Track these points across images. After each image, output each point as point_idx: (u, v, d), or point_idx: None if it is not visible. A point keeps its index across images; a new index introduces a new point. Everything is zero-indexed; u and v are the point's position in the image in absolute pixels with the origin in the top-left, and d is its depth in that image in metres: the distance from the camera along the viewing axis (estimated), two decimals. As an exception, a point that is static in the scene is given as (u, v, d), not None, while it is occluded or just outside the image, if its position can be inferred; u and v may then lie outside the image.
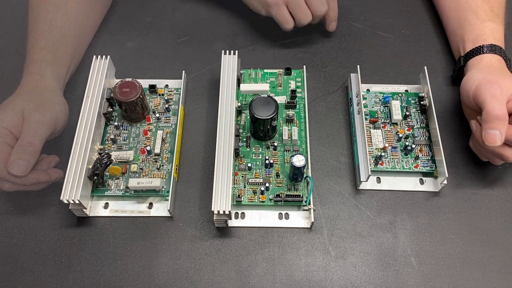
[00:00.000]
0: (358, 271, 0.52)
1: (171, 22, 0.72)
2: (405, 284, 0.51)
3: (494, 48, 0.59)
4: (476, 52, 0.60)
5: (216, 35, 0.70)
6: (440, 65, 0.67)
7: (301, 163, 0.52)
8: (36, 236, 0.54)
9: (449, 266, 0.52)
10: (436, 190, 0.57)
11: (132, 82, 0.57)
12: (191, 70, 0.67)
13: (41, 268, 0.52)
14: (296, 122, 0.61)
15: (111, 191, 0.56)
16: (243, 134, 0.60)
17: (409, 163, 0.57)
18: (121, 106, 0.58)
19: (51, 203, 0.56)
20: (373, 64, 0.67)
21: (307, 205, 0.54)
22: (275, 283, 0.51)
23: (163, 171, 0.57)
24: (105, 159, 0.55)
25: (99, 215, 0.55)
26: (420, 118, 0.61)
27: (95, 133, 0.57)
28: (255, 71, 0.66)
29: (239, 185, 0.56)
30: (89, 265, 0.52)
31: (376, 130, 0.60)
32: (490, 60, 0.58)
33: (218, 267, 0.52)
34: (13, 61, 0.68)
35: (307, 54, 0.68)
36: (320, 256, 0.53)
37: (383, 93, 0.63)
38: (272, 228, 0.55)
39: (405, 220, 0.55)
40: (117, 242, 0.54)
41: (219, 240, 0.54)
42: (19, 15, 0.73)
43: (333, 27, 0.68)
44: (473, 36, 0.61)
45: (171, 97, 0.63)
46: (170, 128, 0.60)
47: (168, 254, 0.53)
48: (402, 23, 0.72)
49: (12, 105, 0.53)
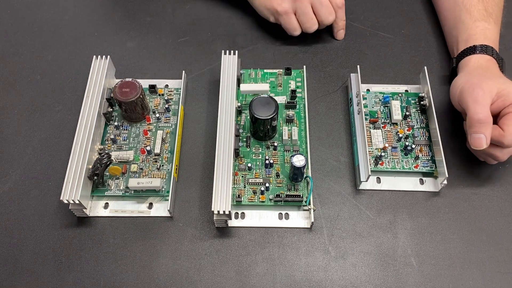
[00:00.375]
0: (358, 271, 0.52)
1: (171, 22, 0.72)
2: (405, 284, 0.51)
3: (485, 49, 0.59)
4: (467, 53, 0.60)
5: (216, 35, 0.70)
6: (440, 65, 0.67)
7: (301, 163, 0.52)
8: (36, 236, 0.54)
9: (449, 266, 0.52)
10: (436, 190, 0.57)
11: (132, 82, 0.57)
12: (191, 70, 0.67)
13: (41, 268, 0.52)
14: (296, 122, 0.61)
15: (111, 191, 0.56)
16: (243, 134, 0.60)
17: (409, 163, 0.57)
18: (121, 106, 0.58)
19: (51, 203, 0.56)
20: (373, 64, 0.67)
21: (307, 205, 0.54)
22: (275, 283, 0.51)
23: (163, 171, 0.57)
24: (105, 159, 0.55)
25: (99, 215, 0.55)
26: (420, 118, 0.61)
27: (95, 133, 0.57)
28: (255, 71, 0.66)
29: (239, 185, 0.56)
30: (89, 265, 0.52)
31: (376, 130, 0.60)
32: (478, 61, 0.58)
33: (218, 267, 0.52)
34: (13, 61, 0.68)
35: (307, 54, 0.68)
36: (320, 256, 0.53)
37: (383, 93, 0.63)
38: (272, 228, 0.55)
39: (405, 220, 0.55)
40: (117, 242, 0.54)
41: (219, 240, 0.54)
42: (19, 15, 0.73)
43: (341, 35, 0.69)
44: (466, 36, 0.61)
45: (171, 97, 0.63)
46: (170, 128, 0.60)
47: (168, 254, 0.53)
48: (402, 23, 0.72)
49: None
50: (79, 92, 0.64)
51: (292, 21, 0.65)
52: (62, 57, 0.69)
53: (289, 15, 0.64)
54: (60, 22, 0.72)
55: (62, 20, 0.73)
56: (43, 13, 0.74)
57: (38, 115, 0.63)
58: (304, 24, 0.65)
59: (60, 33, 0.71)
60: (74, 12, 0.74)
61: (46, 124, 0.62)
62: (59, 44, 0.70)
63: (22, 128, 0.62)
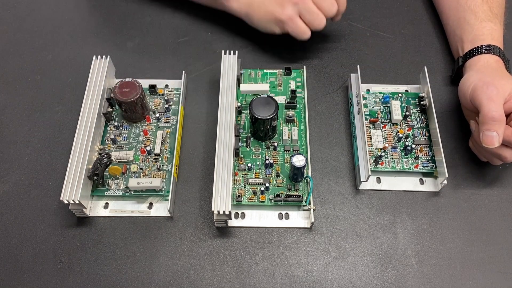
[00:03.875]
0: (358, 271, 0.52)
1: (171, 22, 0.72)
2: (405, 284, 0.51)
3: (493, 49, 0.59)
4: (475, 53, 0.60)
5: (216, 35, 0.70)
6: (440, 65, 0.67)
7: (301, 163, 0.52)
8: (36, 236, 0.54)
9: (449, 266, 0.52)
10: (436, 190, 0.57)
11: (132, 82, 0.57)
12: (191, 70, 0.67)
13: (41, 268, 0.52)
14: (296, 122, 0.61)
15: (111, 191, 0.56)
16: (243, 134, 0.60)
17: (409, 163, 0.57)
18: (121, 106, 0.58)
19: (51, 203, 0.56)
20: (373, 64, 0.67)
21: (307, 205, 0.54)
22: (275, 283, 0.51)
23: (163, 171, 0.57)
24: (105, 159, 0.55)
25: (99, 215, 0.55)
26: (420, 118, 0.61)
27: (95, 133, 0.57)
28: (255, 71, 0.66)
29: (239, 185, 0.56)
30: (89, 265, 0.52)
31: (376, 130, 0.60)
32: (488, 61, 0.58)
33: (218, 267, 0.52)
34: (13, 61, 0.68)
35: (307, 54, 0.68)
36: (320, 256, 0.53)
37: (383, 93, 0.63)
38: (272, 228, 0.55)
39: (405, 220, 0.55)
40: (117, 242, 0.54)
41: (219, 240, 0.54)
42: (19, 15, 0.73)
43: (338, 18, 0.66)
44: (472, 36, 0.61)
45: (171, 97, 0.63)
46: (170, 128, 0.60)
47: (168, 254, 0.53)
48: (402, 23, 0.72)
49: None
50: (79, 92, 0.64)
51: (299, 25, 0.62)
52: (62, 57, 0.69)
53: (295, 20, 0.62)
54: (60, 22, 0.72)
55: (62, 20, 0.73)
56: (43, 13, 0.74)
57: (38, 115, 0.63)
58: (313, 23, 0.62)
59: (60, 33, 0.71)
60: (74, 12, 0.74)
61: (46, 124, 0.62)
62: (59, 44, 0.70)
63: (22, 128, 0.62)
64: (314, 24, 0.62)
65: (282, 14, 0.61)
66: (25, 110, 0.63)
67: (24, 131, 0.62)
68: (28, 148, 0.60)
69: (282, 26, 0.63)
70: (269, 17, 0.63)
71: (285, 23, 0.62)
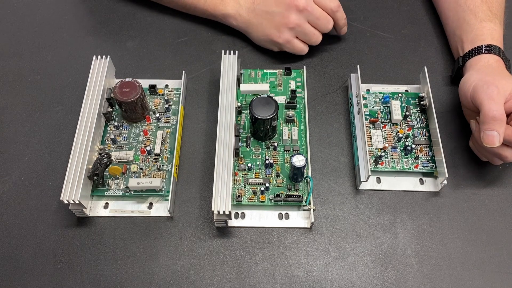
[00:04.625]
0: (358, 271, 0.52)
1: (171, 22, 0.72)
2: (405, 284, 0.51)
3: (493, 49, 0.59)
4: (475, 53, 0.60)
5: (216, 35, 0.70)
6: (440, 65, 0.67)
7: (301, 163, 0.52)
8: (36, 236, 0.54)
9: (449, 266, 0.52)
10: (436, 190, 0.57)
11: (132, 82, 0.57)
12: (191, 70, 0.67)
13: (41, 268, 0.52)
14: (296, 122, 0.61)
15: (111, 191, 0.56)
16: (243, 134, 0.60)
17: (409, 163, 0.57)
18: (121, 106, 0.58)
19: (51, 203, 0.56)
20: (373, 64, 0.67)
21: (307, 205, 0.54)
22: (275, 283, 0.51)
23: (163, 171, 0.57)
24: (105, 159, 0.55)
25: (99, 215, 0.55)
26: (420, 118, 0.61)
27: (95, 133, 0.57)
28: (255, 71, 0.66)
29: (239, 185, 0.56)
30: (89, 265, 0.52)
31: (376, 130, 0.60)
32: (488, 61, 0.58)
33: (218, 267, 0.52)
34: (13, 61, 0.68)
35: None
36: (320, 256, 0.53)
37: (383, 93, 0.63)
38: (272, 228, 0.55)
39: (405, 220, 0.55)
40: (117, 242, 0.54)
41: (219, 240, 0.54)
42: (19, 15, 0.73)
43: (344, 31, 0.68)
44: (472, 36, 0.61)
45: (171, 97, 0.63)
46: (170, 128, 0.60)
47: (168, 254, 0.53)
48: (402, 23, 0.72)
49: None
50: (79, 92, 0.64)
51: (297, 45, 0.64)
52: (62, 57, 0.69)
53: (292, 42, 0.64)
54: (60, 22, 0.72)
55: (62, 20, 0.73)
56: (43, 13, 0.74)
57: (38, 115, 0.63)
58: (310, 41, 0.64)
59: (60, 33, 0.71)
60: (74, 12, 0.74)
61: (46, 124, 0.62)
62: (59, 44, 0.70)
63: (22, 128, 0.62)
64: (311, 42, 0.65)
65: (279, 38, 0.64)
66: (25, 110, 0.63)
67: (24, 131, 0.62)
68: (28, 148, 0.60)
69: (279, 47, 0.66)
70: (267, 39, 0.65)
71: (282, 45, 0.65)
